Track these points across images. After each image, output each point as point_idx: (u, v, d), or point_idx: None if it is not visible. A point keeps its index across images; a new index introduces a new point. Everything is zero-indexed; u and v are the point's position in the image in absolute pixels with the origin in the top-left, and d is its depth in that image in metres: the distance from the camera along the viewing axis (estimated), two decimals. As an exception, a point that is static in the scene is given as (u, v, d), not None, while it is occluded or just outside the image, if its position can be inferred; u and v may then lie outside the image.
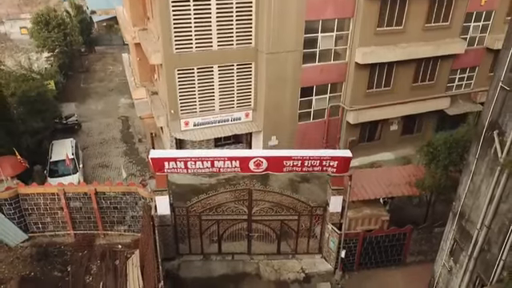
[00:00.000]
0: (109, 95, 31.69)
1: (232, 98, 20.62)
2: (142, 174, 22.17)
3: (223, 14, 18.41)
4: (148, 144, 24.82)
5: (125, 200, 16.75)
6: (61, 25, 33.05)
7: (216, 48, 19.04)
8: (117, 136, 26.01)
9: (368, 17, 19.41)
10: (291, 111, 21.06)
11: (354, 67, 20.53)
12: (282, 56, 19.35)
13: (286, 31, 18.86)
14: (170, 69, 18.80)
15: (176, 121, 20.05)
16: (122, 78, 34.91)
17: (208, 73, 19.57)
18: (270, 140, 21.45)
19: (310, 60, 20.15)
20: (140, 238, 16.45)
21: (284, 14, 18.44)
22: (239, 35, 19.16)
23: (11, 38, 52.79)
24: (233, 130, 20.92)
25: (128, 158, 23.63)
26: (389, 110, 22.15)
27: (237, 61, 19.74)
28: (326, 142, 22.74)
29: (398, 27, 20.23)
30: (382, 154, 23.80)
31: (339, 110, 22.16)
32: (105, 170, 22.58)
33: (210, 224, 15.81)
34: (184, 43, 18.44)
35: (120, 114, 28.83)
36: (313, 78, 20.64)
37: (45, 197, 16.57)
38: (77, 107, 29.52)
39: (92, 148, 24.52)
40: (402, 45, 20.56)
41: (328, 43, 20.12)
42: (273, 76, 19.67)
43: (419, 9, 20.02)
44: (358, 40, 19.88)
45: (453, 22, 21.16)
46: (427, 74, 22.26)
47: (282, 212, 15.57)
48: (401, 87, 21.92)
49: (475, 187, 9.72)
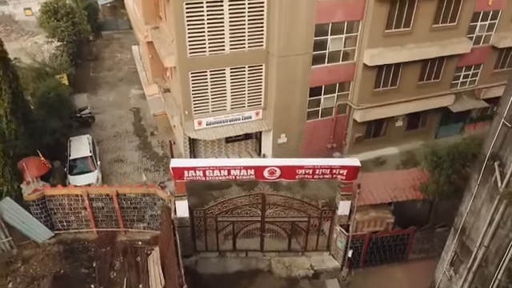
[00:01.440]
0: (119, 85, 32.24)
1: (243, 97, 21.29)
2: (157, 169, 23.14)
3: (235, 18, 18.83)
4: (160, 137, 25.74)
5: (144, 200, 17.78)
6: (69, 13, 33.20)
7: (228, 51, 19.57)
8: (129, 129, 26.81)
9: (377, 19, 19.81)
10: (300, 110, 21.76)
11: (361, 68, 21.08)
12: (293, 59, 19.89)
13: (297, 35, 19.33)
14: (184, 72, 19.41)
15: (189, 121, 20.81)
16: (130, 66, 35.37)
17: (220, 75, 20.17)
18: (280, 138, 22.27)
19: (319, 61, 20.69)
20: (159, 236, 17.59)
21: (295, 19, 18.87)
22: (251, 38, 19.64)
23: (16, 20, 52.67)
24: (243, 128, 21.70)
25: (142, 153, 24.52)
26: (395, 108, 22.83)
27: (248, 63, 20.30)
28: (333, 139, 23.54)
29: (405, 28, 20.63)
30: (387, 149, 24.63)
31: (346, 108, 22.84)
32: (120, 164, 23.52)
33: (225, 225, 16.89)
34: (198, 48, 18.97)
35: (131, 106, 29.52)
36: (322, 79, 21.24)
37: (69, 198, 17.60)
38: (88, 98, 30.19)
39: (106, 142, 25.37)
40: (409, 45, 21.02)
41: (337, 45, 20.60)
42: (283, 78, 20.28)
43: (427, 10, 20.36)
44: (367, 42, 20.35)
45: (460, 22, 21.51)
46: (433, 72, 22.78)
47: (293, 214, 16.60)
48: (407, 86, 22.51)
49: (476, 209, 10.63)
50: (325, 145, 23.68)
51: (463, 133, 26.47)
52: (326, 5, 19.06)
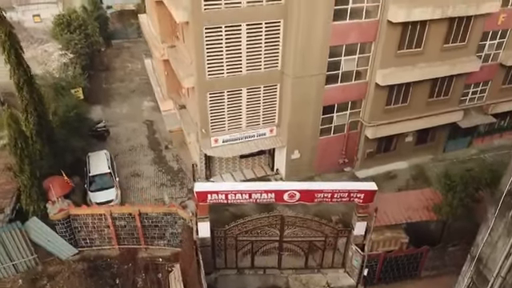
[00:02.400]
0: (131, 97, 32.76)
1: (258, 116, 21.88)
2: (173, 184, 23.73)
3: (252, 41, 19.39)
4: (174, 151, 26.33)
5: (165, 219, 18.38)
6: (81, 26, 33.72)
7: (245, 73, 20.14)
8: (144, 143, 27.37)
9: (390, 41, 20.35)
10: (313, 127, 22.34)
11: (373, 87, 21.64)
12: (307, 79, 20.46)
13: (312, 57, 19.89)
14: (203, 93, 19.99)
15: (206, 138, 21.40)
16: (141, 77, 35.89)
17: (237, 95, 20.75)
18: (293, 154, 22.86)
19: (332, 81, 21.26)
20: (180, 254, 18.20)
21: (310, 41, 19.42)
22: (267, 60, 20.21)
23: (25, 27, 53.07)
24: (258, 145, 22.29)
25: (157, 167, 25.10)
26: (405, 125, 23.39)
27: (263, 83, 20.87)
28: (345, 154, 24.12)
29: (417, 49, 21.17)
30: (397, 163, 25.21)
31: (358, 125, 23.40)
32: (137, 179, 24.10)
33: (244, 244, 17.51)
34: (216, 70, 19.54)
35: (144, 118, 30.06)
36: (334, 97, 21.82)
37: (93, 217, 18.22)
38: (102, 111, 30.72)
39: (122, 156, 25.93)
40: (420, 65, 21.56)
41: (350, 65, 21.15)
42: (297, 97, 20.85)
43: (439, 31, 20.88)
44: (379, 62, 20.89)
45: (469, 42, 22.05)
46: (442, 89, 23.32)
47: (311, 233, 17.20)
48: (417, 103, 23.06)
49: (492, 241, 11.21)
50: (337, 160, 24.27)
51: (471, 146, 27.10)
52: (340, 28, 19.61)
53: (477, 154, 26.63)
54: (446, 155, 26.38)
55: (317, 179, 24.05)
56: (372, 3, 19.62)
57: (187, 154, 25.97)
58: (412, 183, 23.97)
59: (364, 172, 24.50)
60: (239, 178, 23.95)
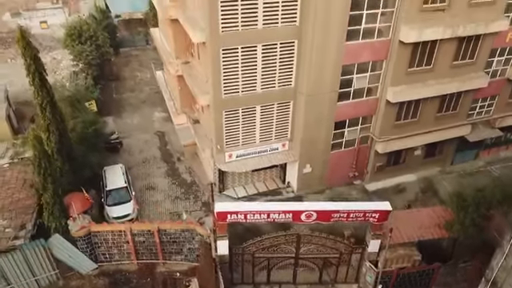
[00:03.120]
0: (142, 107, 33.21)
1: (271, 131, 22.34)
2: (187, 197, 24.21)
3: (267, 60, 19.84)
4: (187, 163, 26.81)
5: (183, 235, 18.92)
6: (92, 37, 34.13)
7: (260, 91, 20.60)
8: (157, 154, 27.84)
9: (401, 59, 20.81)
10: (325, 142, 22.81)
11: (384, 103, 22.10)
12: (320, 97, 20.93)
13: (325, 75, 20.36)
14: (218, 111, 20.46)
15: (221, 154, 21.87)
16: (151, 86, 36.35)
17: (251, 111, 21.21)
18: (305, 168, 23.35)
19: (344, 98, 21.73)
20: (198, 269, 18.73)
21: (324, 61, 19.89)
22: (281, 78, 20.67)
23: (32, 34, 53.46)
24: (271, 160, 22.77)
25: (171, 180, 25.57)
26: (415, 139, 23.85)
27: (277, 100, 21.34)
28: (355, 168, 24.60)
29: (427, 66, 21.63)
30: (406, 176, 25.69)
31: (368, 139, 23.88)
32: (152, 192, 24.57)
33: (261, 260, 18.00)
34: (232, 88, 20.00)
35: (156, 129, 30.53)
36: (346, 113, 22.29)
37: (113, 233, 18.76)
38: (114, 122, 31.16)
39: (136, 168, 26.39)
40: (430, 82, 22.01)
41: (362, 83, 21.62)
42: (310, 114, 21.32)
43: (448, 49, 21.32)
44: (390, 79, 21.36)
45: (478, 59, 22.50)
46: (451, 104, 23.78)
47: (326, 251, 17.69)
48: (426, 118, 23.52)
49: (507, 265, 11.70)
50: (347, 173, 24.75)
51: (478, 158, 27.59)
52: (353, 47, 20.08)
53: (484, 167, 27.11)
54: (453, 167, 26.86)
55: (328, 192, 24.60)
56: (384, 23, 20.07)
57: (199, 167, 26.46)
58: (421, 196, 24.47)
59: (374, 185, 24.99)
60: (251, 191, 24.44)
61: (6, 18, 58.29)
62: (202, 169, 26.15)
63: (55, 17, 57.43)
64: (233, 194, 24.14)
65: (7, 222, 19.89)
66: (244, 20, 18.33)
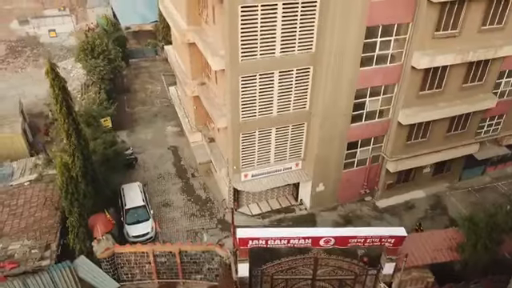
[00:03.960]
0: (154, 121, 33.80)
1: (285, 151, 23.00)
2: (202, 214, 24.85)
3: (284, 85, 20.48)
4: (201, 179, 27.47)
5: (203, 256, 19.58)
6: (105, 51, 34.72)
7: (275, 114, 21.25)
8: (171, 170, 28.46)
9: (412, 83, 21.43)
10: (338, 162, 23.47)
11: (396, 125, 22.74)
12: (334, 119, 21.58)
13: (339, 99, 21.01)
14: (236, 133, 21.10)
15: (237, 174, 22.52)
16: (162, 99, 36.96)
17: (267, 133, 21.86)
18: (318, 186, 24.00)
19: (357, 119, 22.37)
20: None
21: (339, 86, 20.53)
22: (296, 102, 21.30)
23: (41, 42, 53.99)
24: (286, 179, 23.43)
25: (186, 196, 26.21)
26: (425, 158, 24.50)
27: (292, 122, 21.98)
28: (366, 185, 25.26)
29: (438, 89, 22.25)
30: (415, 192, 26.38)
31: (379, 158, 24.53)
32: (168, 209, 25.21)
33: (279, 282, 18.66)
34: (249, 113, 20.64)
35: (169, 144, 31.13)
36: (358, 134, 22.94)
37: (136, 254, 19.41)
38: (128, 136, 31.75)
39: (151, 185, 27.02)
40: (440, 104, 22.63)
41: (374, 105, 22.26)
42: (324, 136, 21.97)
43: (458, 73, 21.94)
44: (402, 102, 21.98)
45: (487, 81, 23.12)
46: (460, 124, 24.40)
47: (342, 273, 18.35)
48: (436, 137, 24.15)
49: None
50: (358, 190, 25.43)
51: (485, 174, 28.25)
52: (367, 73, 20.71)
53: (491, 182, 27.78)
54: (461, 183, 27.52)
55: (340, 209, 25.29)
56: (397, 49, 20.70)
57: (214, 183, 27.09)
58: (430, 213, 25.16)
59: (384, 201, 25.67)
60: (265, 208, 25.12)
61: (14, 25, 58.80)
62: (216, 185, 26.79)
63: (64, 25, 58.02)
64: (247, 212, 24.81)
65: (32, 242, 20.58)
66: (263, 49, 18.96)
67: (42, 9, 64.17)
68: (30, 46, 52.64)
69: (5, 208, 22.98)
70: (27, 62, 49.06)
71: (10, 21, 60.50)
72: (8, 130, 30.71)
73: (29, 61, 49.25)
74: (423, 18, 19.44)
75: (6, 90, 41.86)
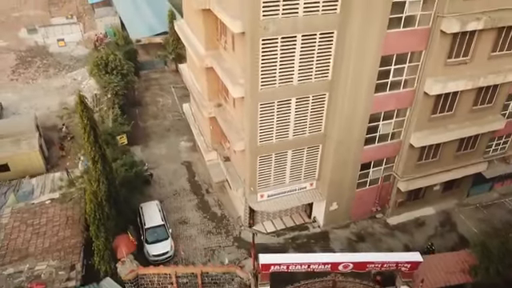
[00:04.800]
0: (167, 136, 34.48)
1: (300, 172, 23.68)
2: (219, 232, 25.55)
3: (300, 111, 21.16)
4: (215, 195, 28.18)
5: (224, 277, 20.31)
6: (118, 66, 35.34)
7: (291, 138, 21.93)
8: (186, 186, 29.16)
9: (424, 108, 22.11)
10: (351, 182, 24.17)
11: (407, 146, 23.42)
12: (348, 142, 22.25)
13: (353, 123, 21.68)
14: (254, 156, 21.79)
15: (253, 194, 23.22)
16: (174, 113, 37.68)
17: (283, 155, 22.54)
18: (332, 205, 24.71)
19: (370, 142, 23.06)
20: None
21: (353, 111, 21.20)
22: (312, 125, 21.98)
23: (50, 52, 54.48)
24: (301, 199, 24.14)
25: (202, 213, 26.91)
26: (435, 178, 25.21)
27: (307, 145, 22.67)
28: (378, 203, 25.98)
29: (449, 112, 22.94)
30: (425, 209, 27.10)
31: (391, 177, 25.23)
32: (185, 227, 25.90)
33: (298, 303, 19.40)
34: (267, 137, 21.32)
35: (183, 159, 31.82)
36: (371, 156, 23.63)
37: (159, 276, 20.14)
38: (142, 152, 32.44)
39: (167, 201, 27.70)
40: (450, 126, 23.32)
41: (387, 128, 22.95)
42: (339, 159, 22.65)
43: (469, 97, 22.61)
44: (414, 126, 22.67)
45: (496, 103, 23.80)
46: (469, 144, 25.09)
47: (359, 295, 19.09)
48: (446, 157, 24.84)
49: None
50: (370, 208, 26.15)
51: (492, 190, 28.96)
52: (381, 98, 21.39)
53: (498, 199, 28.50)
54: (469, 200, 28.23)
55: (352, 226, 26.00)
56: (410, 75, 21.37)
57: (228, 200, 27.80)
58: (440, 230, 25.88)
59: (395, 219, 26.39)
60: (279, 225, 25.84)
61: (23, 34, 59.36)
62: (230, 202, 27.50)
63: (72, 34, 58.54)
64: (262, 229, 25.52)
65: (57, 262, 21.35)
66: (281, 78, 19.64)
67: (50, 17, 65.06)
68: (40, 56, 53.09)
69: (28, 227, 23.76)
70: (38, 72, 49.58)
71: (19, 29, 61.04)
72: (25, 146, 31.41)
73: (39, 71, 49.78)
74: (436, 47, 20.12)
75: (18, 103, 42.61)
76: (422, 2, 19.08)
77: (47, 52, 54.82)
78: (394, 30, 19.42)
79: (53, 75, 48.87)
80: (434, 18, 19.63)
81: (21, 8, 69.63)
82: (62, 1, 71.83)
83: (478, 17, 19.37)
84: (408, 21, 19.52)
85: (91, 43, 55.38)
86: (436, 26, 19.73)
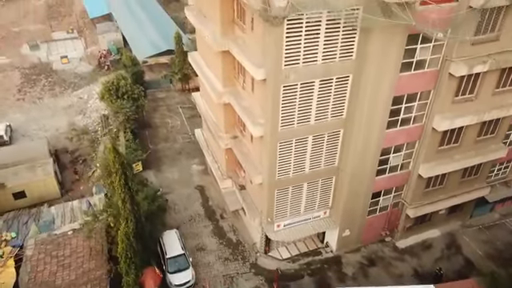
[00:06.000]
0: (179, 159, 35.34)
1: (315, 202, 24.82)
2: (235, 258, 26.58)
3: (316, 147, 22.27)
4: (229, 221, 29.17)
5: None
6: (128, 91, 36.17)
7: (308, 172, 23.04)
8: (200, 211, 30.09)
9: (432, 141, 23.34)
10: (362, 210, 25.36)
11: (416, 176, 24.66)
12: (361, 174, 23.41)
13: (366, 158, 22.84)
14: (272, 190, 22.86)
15: (271, 225, 24.29)
16: (183, 135, 38.52)
17: (299, 187, 23.65)
18: (344, 232, 25.88)
19: (381, 173, 24.25)
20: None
21: (366, 147, 22.35)
22: (327, 160, 23.10)
23: (54, 69, 54.67)
24: (315, 228, 25.28)
25: (218, 239, 27.88)
26: (441, 204, 26.50)
27: (322, 177, 23.80)
28: (387, 228, 27.21)
29: (455, 144, 24.21)
30: (430, 232, 28.41)
31: (399, 204, 26.47)
32: (203, 253, 26.83)
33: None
34: (284, 172, 22.40)
35: (195, 183, 32.73)
36: (382, 186, 24.84)
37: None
38: (155, 176, 33.28)
39: (184, 227, 28.61)
40: (456, 157, 24.59)
41: (397, 160, 24.16)
42: (351, 189, 23.81)
43: (473, 129, 23.90)
44: (423, 157, 23.89)
45: (498, 134, 25.14)
46: (473, 171, 26.42)
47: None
48: (452, 184, 26.13)
49: None
50: (380, 232, 27.38)
51: (494, 211, 30.37)
52: (392, 134, 22.59)
53: (499, 219, 29.92)
54: (472, 221, 29.58)
55: (363, 250, 27.21)
56: (419, 112, 22.60)
57: (242, 225, 28.81)
58: (446, 253, 27.18)
59: (403, 242, 27.65)
60: (294, 251, 26.96)
61: (25, 50, 59.67)
62: (245, 228, 28.51)
63: (74, 50, 58.98)
64: (277, 256, 26.61)
65: (84, 296, 22.20)
66: (300, 118, 20.72)
67: (50, 31, 65.42)
68: (44, 74, 53.31)
69: (53, 259, 24.55)
70: (43, 91, 49.89)
71: (20, 45, 61.28)
72: (41, 172, 32.15)
73: (45, 90, 50.10)
74: (444, 87, 21.36)
75: (26, 124, 43.06)
76: (431, 47, 20.27)
77: (51, 69, 55.00)
78: (406, 73, 20.59)
79: (59, 94, 49.24)
80: (443, 60, 20.85)
81: (20, 22, 69.85)
82: (61, 14, 72.35)
83: (484, 60, 20.64)
84: (418, 64, 20.71)
85: (94, 59, 55.92)
86: (444, 68, 20.95)
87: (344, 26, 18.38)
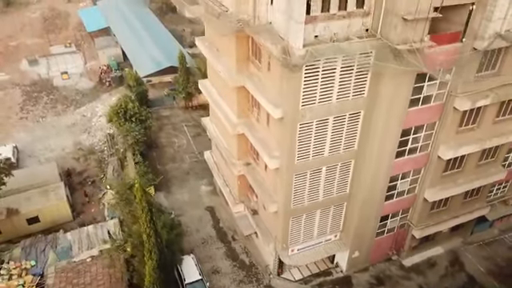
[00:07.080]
0: (187, 180, 36.14)
1: (326, 227, 25.94)
2: (250, 281, 27.59)
3: (329, 177, 23.37)
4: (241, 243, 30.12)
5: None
6: (136, 113, 36.93)
7: (321, 199, 24.14)
8: (212, 233, 31.00)
9: (437, 168, 24.62)
10: (372, 233, 26.55)
11: (422, 200, 25.93)
12: (370, 201, 24.59)
13: (376, 185, 23.99)
14: (287, 218, 23.93)
15: (285, 250, 25.35)
16: (190, 154, 39.30)
17: (312, 214, 24.74)
18: (354, 253, 27.06)
19: (389, 198, 25.45)
20: None
21: (376, 175, 23.49)
22: (339, 188, 24.23)
23: (55, 86, 54.82)
24: (328, 251, 26.42)
25: (231, 262, 28.84)
26: (444, 224, 27.82)
27: (333, 204, 24.93)
28: (394, 247, 28.46)
29: (458, 169, 25.52)
30: (434, 249, 29.77)
31: (405, 225, 27.73)
32: (218, 276, 27.78)
33: None
34: (299, 200, 23.47)
35: (205, 205, 33.60)
36: (390, 209, 26.06)
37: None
38: (166, 198, 34.07)
39: (197, 251, 29.49)
40: (459, 181, 25.90)
41: (404, 186, 25.40)
42: (362, 214, 24.98)
43: (475, 156, 25.22)
44: (429, 182, 25.15)
45: (498, 157, 26.53)
46: (474, 193, 27.80)
47: None
48: (454, 205, 27.47)
49: None
50: (387, 252, 28.64)
51: (493, 227, 31.83)
52: (400, 162, 23.77)
53: (498, 235, 31.42)
54: (473, 237, 31.00)
55: (371, 269, 28.43)
56: (425, 142, 23.82)
57: (254, 246, 29.80)
58: (450, 270, 28.50)
59: (409, 260, 28.96)
60: (306, 272, 28.05)
61: (24, 66, 59.75)
62: (256, 249, 29.51)
63: (74, 66, 59.16)
64: (290, 277, 27.69)
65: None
66: (314, 152, 21.81)
67: (48, 45, 65.52)
68: (46, 91, 53.36)
69: (74, 287, 25.30)
70: (46, 109, 50.08)
71: (19, 60, 61.22)
72: (53, 196, 32.77)
73: (47, 107, 50.30)
74: (449, 120, 22.60)
75: (32, 144, 43.37)
76: (437, 84, 21.50)
77: (52, 86, 55.07)
78: (414, 108, 21.79)
79: (61, 112, 49.54)
80: (448, 95, 22.10)
81: (17, 36, 69.68)
82: (58, 28, 72.41)
83: (487, 94, 21.94)
84: (425, 99, 21.91)
85: (95, 75, 56.30)
86: (449, 102, 22.20)
87: (357, 68, 19.52)
